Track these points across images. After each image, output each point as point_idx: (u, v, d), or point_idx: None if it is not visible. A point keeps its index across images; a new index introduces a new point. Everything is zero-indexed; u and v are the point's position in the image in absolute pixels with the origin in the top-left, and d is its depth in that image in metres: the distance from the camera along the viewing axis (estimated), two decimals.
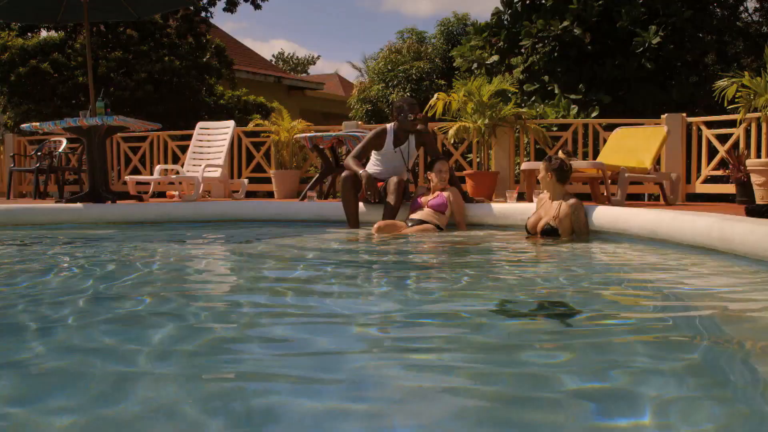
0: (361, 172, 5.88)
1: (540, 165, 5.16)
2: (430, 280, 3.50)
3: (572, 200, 4.94)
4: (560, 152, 5.16)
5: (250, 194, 10.32)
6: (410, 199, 5.94)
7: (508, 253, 4.48)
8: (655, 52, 11.45)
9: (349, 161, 6.04)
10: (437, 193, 5.68)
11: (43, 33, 15.90)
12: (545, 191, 5.15)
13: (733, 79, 6.89)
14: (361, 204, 6.10)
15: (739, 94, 6.84)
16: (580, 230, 4.97)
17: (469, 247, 4.79)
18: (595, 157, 8.62)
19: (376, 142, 6.11)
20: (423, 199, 5.71)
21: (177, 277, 3.68)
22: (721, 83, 6.99)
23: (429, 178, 5.83)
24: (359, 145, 6.21)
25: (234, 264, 4.31)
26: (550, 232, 4.91)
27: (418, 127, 6.14)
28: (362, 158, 6.15)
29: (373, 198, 5.92)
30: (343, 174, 6.01)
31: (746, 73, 6.93)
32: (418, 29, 19.41)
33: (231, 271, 4.09)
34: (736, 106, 7.00)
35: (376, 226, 5.40)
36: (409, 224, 5.52)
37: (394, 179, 5.80)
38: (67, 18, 9.20)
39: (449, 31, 18.03)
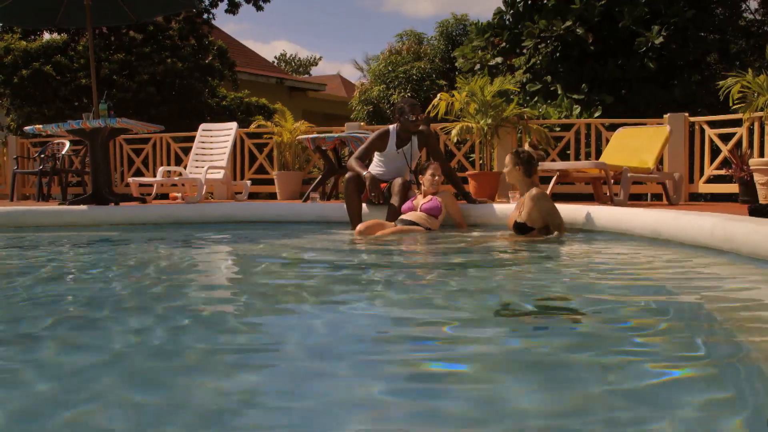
0: (364, 173, 5.88)
1: (506, 159, 5.08)
2: (432, 281, 3.50)
3: (533, 191, 4.86)
4: (526, 145, 5.10)
5: (252, 196, 10.32)
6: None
7: (507, 254, 4.48)
8: (658, 52, 11.45)
9: (352, 163, 6.04)
10: (430, 197, 5.62)
11: (46, 35, 15.94)
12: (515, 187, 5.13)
13: (737, 78, 6.88)
14: (364, 205, 6.10)
15: (740, 93, 6.84)
16: (552, 222, 4.86)
17: (470, 247, 4.78)
18: (597, 157, 8.61)
19: (379, 143, 6.12)
20: (415, 201, 5.65)
21: (179, 278, 3.69)
22: (726, 82, 6.99)
23: (420, 181, 5.76)
24: (362, 147, 6.22)
25: (236, 265, 4.31)
26: (520, 228, 4.88)
27: (420, 128, 6.14)
28: (365, 159, 6.15)
29: (377, 199, 5.91)
30: (347, 175, 6.01)
31: (750, 70, 6.93)
32: (417, 30, 19.45)
33: (233, 272, 4.09)
34: (740, 105, 7.00)
35: (357, 228, 5.29)
36: (400, 224, 5.45)
37: (398, 180, 5.79)
38: (66, 21, 9.22)
39: (448, 32, 18.04)
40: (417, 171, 5.95)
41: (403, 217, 5.53)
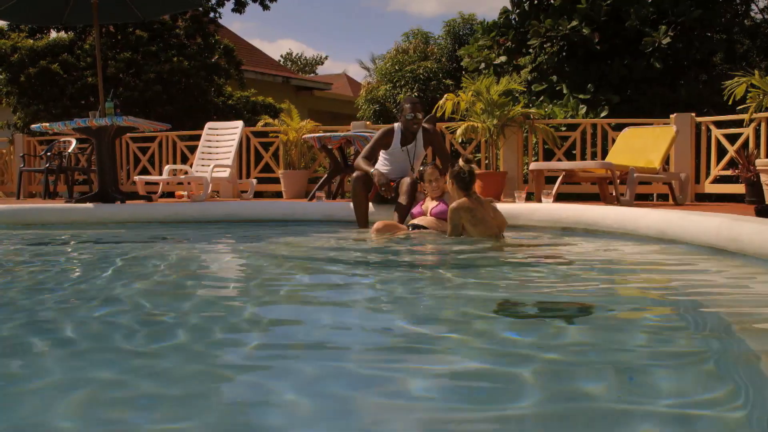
0: (372, 171, 5.85)
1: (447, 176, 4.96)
2: (435, 281, 3.50)
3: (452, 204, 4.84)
4: (460, 160, 4.95)
5: (258, 194, 10.34)
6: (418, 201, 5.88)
7: (511, 254, 4.47)
8: (664, 52, 11.42)
9: (360, 161, 6.01)
10: (437, 201, 5.55)
11: (53, 34, 15.98)
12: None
13: (743, 79, 6.86)
14: (370, 204, 6.08)
15: (750, 94, 6.82)
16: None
17: (473, 248, 4.77)
18: (603, 157, 8.60)
19: (384, 140, 6.10)
20: (424, 206, 5.60)
21: (184, 277, 3.70)
22: (731, 83, 6.97)
23: (423, 189, 5.68)
24: (368, 145, 6.20)
25: (241, 264, 4.32)
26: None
27: (426, 126, 6.13)
28: (372, 158, 6.12)
29: (387, 194, 5.83)
30: (354, 174, 5.98)
31: (756, 72, 6.91)
32: (424, 30, 19.42)
33: (238, 271, 4.10)
34: (745, 105, 6.98)
35: (374, 227, 5.28)
36: (410, 229, 5.41)
37: (407, 179, 5.76)
38: (73, 19, 9.23)
39: (455, 32, 18.01)
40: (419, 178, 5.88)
41: (413, 221, 5.48)
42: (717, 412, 1.55)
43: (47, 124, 7.54)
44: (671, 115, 8.50)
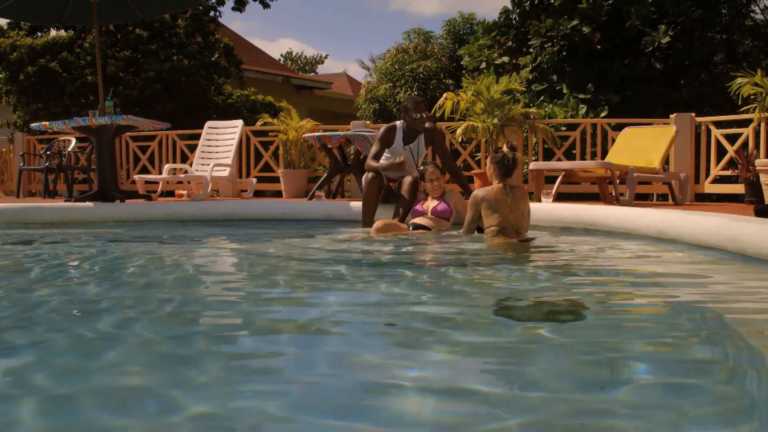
0: (376, 165, 5.87)
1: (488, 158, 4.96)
2: (435, 280, 3.50)
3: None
4: (504, 146, 4.84)
5: (258, 193, 10.33)
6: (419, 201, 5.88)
7: (511, 253, 4.47)
8: (665, 52, 11.42)
9: (370, 162, 5.96)
10: (438, 201, 5.55)
11: (52, 32, 15.98)
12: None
13: (745, 79, 6.87)
14: None
15: (752, 91, 6.82)
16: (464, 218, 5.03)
17: (473, 248, 4.77)
18: (603, 156, 8.60)
19: (388, 136, 6.09)
20: (425, 205, 5.60)
21: (184, 277, 3.69)
22: (736, 82, 6.97)
23: (425, 189, 5.69)
24: (373, 146, 6.17)
25: (241, 264, 4.32)
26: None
27: (426, 124, 6.13)
28: (380, 157, 6.08)
29: (401, 168, 5.82)
30: (369, 176, 5.89)
31: (759, 71, 6.91)
32: (425, 29, 19.41)
33: (238, 270, 4.09)
34: (749, 106, 6.98)
35: (375, 227, 5.27)
36: (411, 228, 5.41)
37: (408, 178, 5.75)
38: (73, 19, 9.22)
39: (455, 31, 18.01)
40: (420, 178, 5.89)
41: (414, 221, 5.49)
42: (716, 410, 1.55)
43: (47, 123, 7.52)
44: (671, 115, 8.50)
